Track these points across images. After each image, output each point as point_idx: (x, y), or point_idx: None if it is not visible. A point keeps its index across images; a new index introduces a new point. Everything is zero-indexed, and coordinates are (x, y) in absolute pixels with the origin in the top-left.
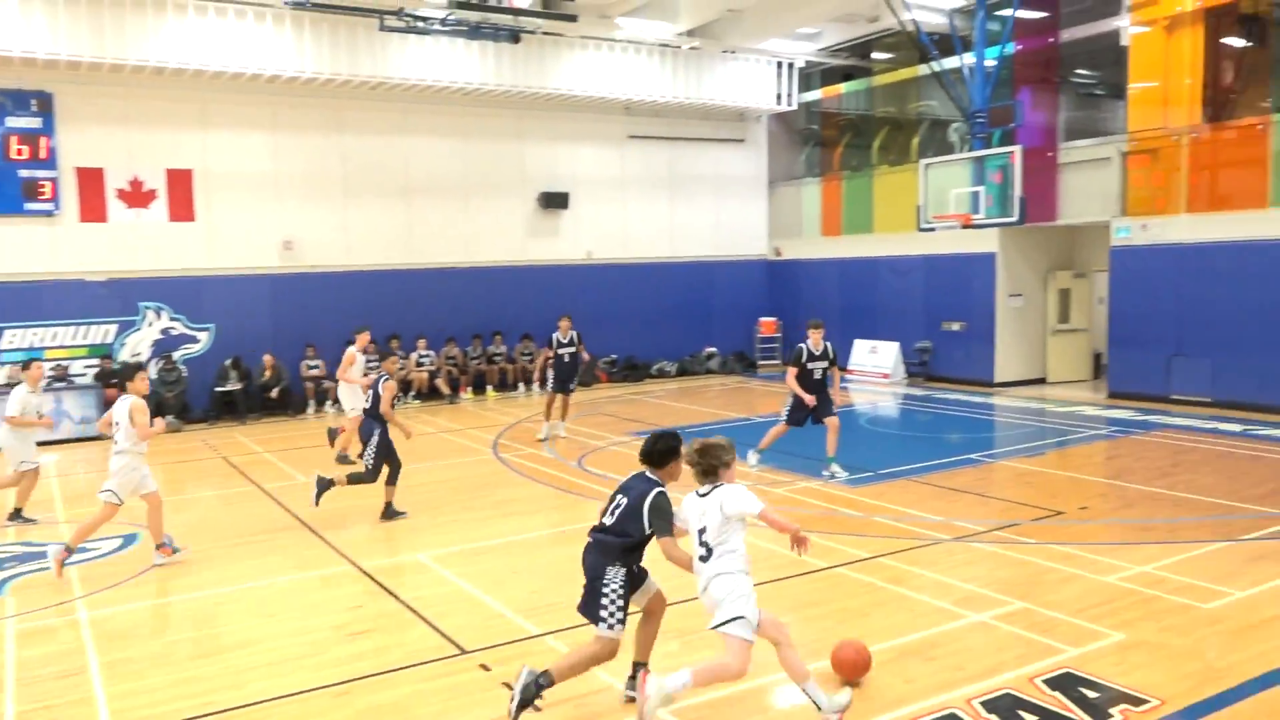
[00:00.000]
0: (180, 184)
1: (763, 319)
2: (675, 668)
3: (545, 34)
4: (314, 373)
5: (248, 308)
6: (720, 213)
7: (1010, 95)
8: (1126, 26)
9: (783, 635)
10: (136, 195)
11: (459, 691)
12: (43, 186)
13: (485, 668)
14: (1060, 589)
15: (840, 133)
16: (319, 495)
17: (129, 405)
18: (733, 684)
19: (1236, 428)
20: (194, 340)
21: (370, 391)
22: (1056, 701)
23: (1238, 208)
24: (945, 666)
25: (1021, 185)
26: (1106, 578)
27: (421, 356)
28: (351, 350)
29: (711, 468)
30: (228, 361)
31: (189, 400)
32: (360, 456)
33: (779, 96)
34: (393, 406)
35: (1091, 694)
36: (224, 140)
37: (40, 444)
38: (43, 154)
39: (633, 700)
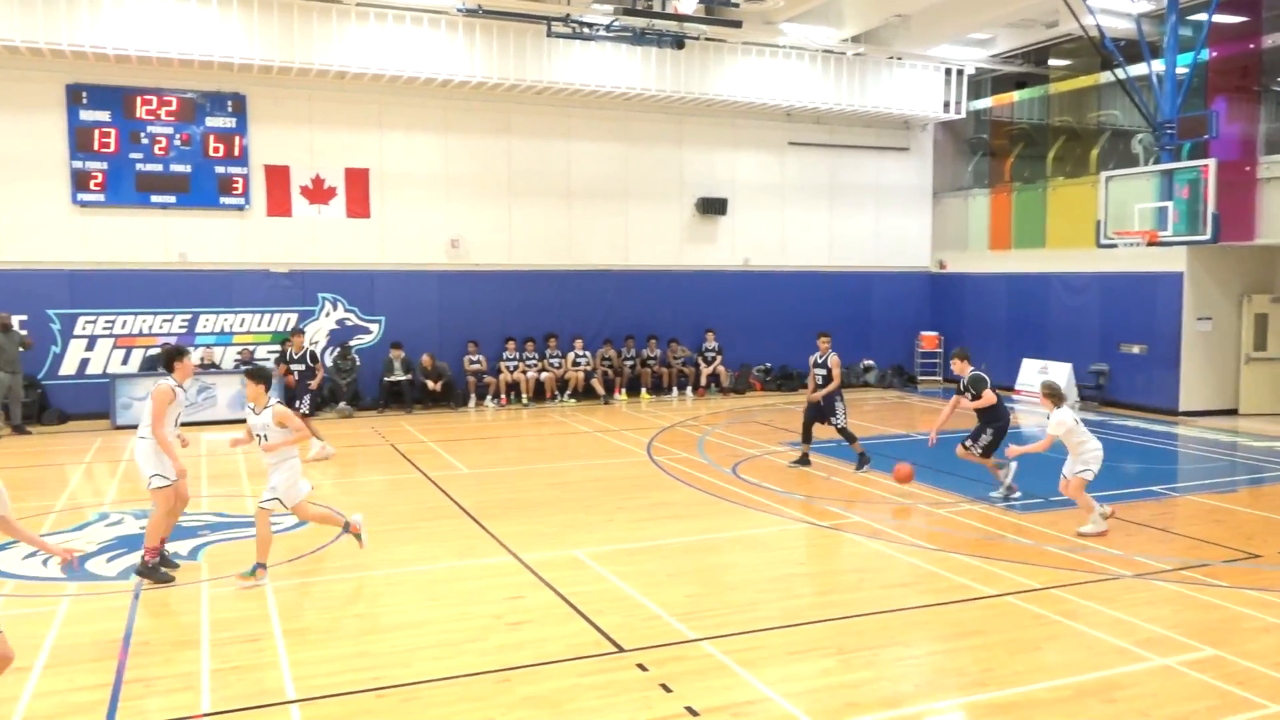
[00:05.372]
0: (357, 182)
1: (924, 333)
2: None
3: (708, 40)
4: (475, 367)
5: (416, 302)
6: (881, 223)
7: (1203, 105)
8: None
9: None
10: (318, 192)
11: (617, 689)
12: (235, 182)
13: (643, 668)
14: (1258, 638)
15: (1011, 143)
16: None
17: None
18: None
19: None
20: (366, 331)
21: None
22: None
23: None
24: (1128, 710)
25: (1215, 201)
26: None
27: (578, 356)
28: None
29: None
30: (391, 353)
31: (360, 389)
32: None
33: (946, 104)
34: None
35: None
36: (398, 141)
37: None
38: (236, 152)
39: None
